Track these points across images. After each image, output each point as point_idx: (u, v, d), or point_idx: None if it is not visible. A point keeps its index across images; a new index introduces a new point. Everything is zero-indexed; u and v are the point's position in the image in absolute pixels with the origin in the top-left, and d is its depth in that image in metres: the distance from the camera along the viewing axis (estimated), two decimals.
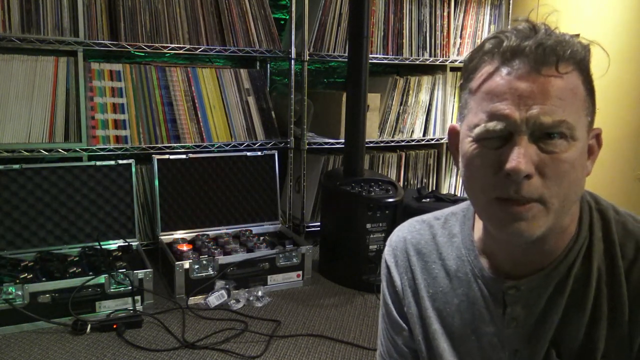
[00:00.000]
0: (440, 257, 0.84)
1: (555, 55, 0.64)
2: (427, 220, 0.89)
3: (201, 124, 2.68)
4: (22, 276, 1.97)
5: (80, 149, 2.42)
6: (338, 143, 2.91)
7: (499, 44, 0.66)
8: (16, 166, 2.23)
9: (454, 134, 0.76)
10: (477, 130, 0.67)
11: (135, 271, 2.07)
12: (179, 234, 2.53)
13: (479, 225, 0.80)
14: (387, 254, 0.91)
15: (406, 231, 0.89)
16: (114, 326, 1.91)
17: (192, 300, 2.17)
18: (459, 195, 3.28)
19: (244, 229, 2.66)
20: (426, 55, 3.19)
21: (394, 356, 0.90)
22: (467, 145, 0.69)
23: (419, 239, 0.87)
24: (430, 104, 3.27)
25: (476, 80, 0.68)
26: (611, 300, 0.70)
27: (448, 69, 3.26)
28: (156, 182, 2.50)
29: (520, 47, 0.64)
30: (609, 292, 0.70)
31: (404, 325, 0.88)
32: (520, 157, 0.63)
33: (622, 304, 0.69)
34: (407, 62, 3.13)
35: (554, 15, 0.70)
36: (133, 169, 2.45)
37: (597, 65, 0.73)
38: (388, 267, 0.90)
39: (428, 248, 0.86)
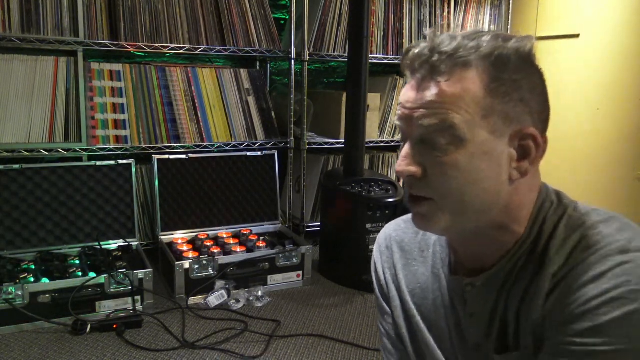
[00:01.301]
0: (421, 255, 0.88)
1: (433, 66, 0.67)
2: (410, 219, 0.91)
3: (201, 124, 2.68)
4: (22, 276, 1.97)
5: (80, 149, 2.42)
6: (338, 143, 2.91)
7: (409, 55, 0.71)
8: (16, 166, 2.23)
9: None
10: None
11: (135, 271, 2.07)
12: (179, 234, 2.53)
13: None
14: (375, 250, 0.96)
15: (392, 229, 0.94)
16: (114, 326, 1.91)
17: (192, 300, 2.17)
18: None
19: (244, 229, 2.66)
20: None
21: (389, 347, 0.95)
22: None
23: (403, 237, 0.92)
24: None
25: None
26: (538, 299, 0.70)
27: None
28: (156, 182, 2.50)
29: (417, 61, 0.69)
30: (538, 292, 0.70)
31: (389, 312, 0.92)
32: (402, 159, 0.70)
33: (539, 304, 0.69)
34: None
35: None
36: (133, 169, 2.45)
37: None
38: (375, 263, 0.95)
39: (410, 246, 0.90)
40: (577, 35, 3.07)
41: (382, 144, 3.12)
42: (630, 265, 0.62)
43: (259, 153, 2.75)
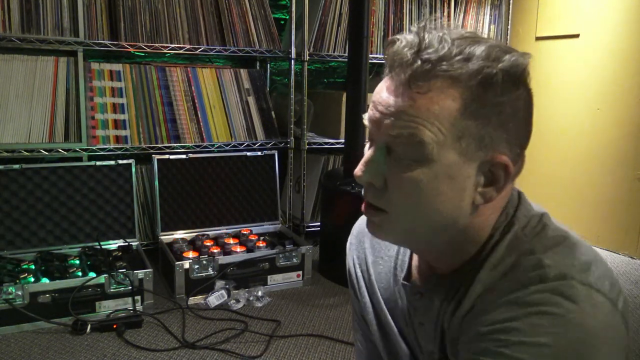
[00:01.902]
0: (387, 254, 0.85)
1: (414, 76, 0.61)
2: None
3: (201, 124, 2.68)
4: (22, 276, 1.97)
5: (80, 149, 2.42)
6: (338, 143, 2.91)
7: (391, 49, 0.65)
8: (16, 166, 2.23)
9: None
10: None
11: (135, 271, 2.07)
12: (179, 234, 2.53)
13: None
14: (348, 242, 0.94)
15: (363, 224, 0.89)
16: (114, 326, 1.91)
17: (192, 300, 2.17)
18: None
19: (244, 229, 2.66)
20: None
21: (357, 326, 0.95)
22: None
23: None
24: None
25: None
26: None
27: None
28: (156, 182, 2.50)
29: (397, 60, 0.63)
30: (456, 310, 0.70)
31: (361, 299, 0.91)
32: (362, 165, 0.66)
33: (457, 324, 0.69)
34: None
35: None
36: (133, 169, 2.45)
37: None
38: (347, 255, 0.94)
39: (380, 243, 0.87)
40: (577, 35, 3.07)
41: None
42: (539, 296, 0.59)
43: (259, 153, 2.75)
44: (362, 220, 0.91)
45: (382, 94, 0.65)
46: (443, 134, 0.61)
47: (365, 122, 0.67)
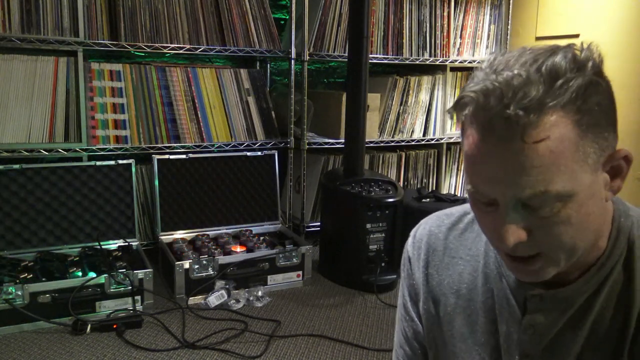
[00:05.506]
0: (468, 253, 0.81)
1: (522, 126, 0.56)
2: (456, 214, 0.86)
3: (201, 124, 2.68)
4: (22, 276, 1.97)
5: (80, 149, 2.42)
6: (338, 143, 2.91)
7: (472, 108, 0.60)
8: (16, 166, 2.23)
9: None
10: (469, 187, 0.65)
11: (135, 271, 2.07)
12: (179, 234, 2.53)
13: None
14: (410, 246, 0.88)
15: (433, 224, 0.86)
16: (114, 326, 1.91)
17: (192, 300, 2.17)
18: (459, 195, 3.28)
19: (244, 229, 2.66)
20: (426, 55, 3.19)
21: (406, 349, 0.89)
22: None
23: (447, 233, 0.84)
24: (430, 104, 3.27)
25: (464, 135, 0.64)
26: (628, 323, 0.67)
27: (448, 69, 3.26)
28: (156, 182, 2.50)
29: (486, 118, 0.58)
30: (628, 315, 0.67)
31: (417, 320, 0.87)
32: (506, 234, 0.61)
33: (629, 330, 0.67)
34: (407, 62, 3.12)
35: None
36: (133, 169, 2.45)
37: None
38: (409, 259, 0.88)
39: (455, 243, 0.83)
40: (577, 35, 3.07)
41: (382, 144, 3.12)
42: None
43: (259, 153, 2.75)
44: (429, 223, 0.88)
45: (487, 158, 0.59)
46: (571, 166, 0.58)
47: (472, 191, 0.64)
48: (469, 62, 3.30)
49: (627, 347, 0.67)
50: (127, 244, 2.39)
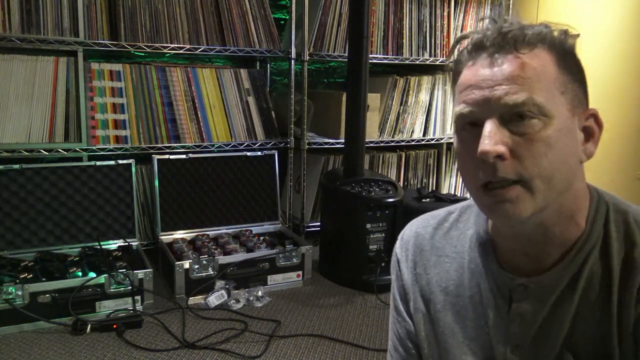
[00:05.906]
0: (454, 250, 0.84)
1: (513, 38, 0.67)
2: (441, 214, 0.89)
3: (201, 124, 2.68)
4: (22, 276, 1.97)
5: (80, 149, 2.43)
6: (338, 143, 2.91)
7: (476, 37, 0.70)
8: (16, 166, 2.23)
9: None
10: (455, 119, 0.71)
11: (135, 271, 2.07)
12: (179, 234, 2.53)
13: None
14: (398, 248, 0.91)
15: (419, 226, 0.90)
16: (114, 326, 1.91)
17: (192, 300, 2.17)
18: (459, 195, 3.29)
19: (244, 229, 2.66)
20: (426, 55, 3.19)
21: (399, 350, 0.90)
22: (454, 140, 0.73)
23: (433, 233, 0.87)
24: (430, 104, 3.27)
25: (459, 82, 0.72)
26: (621, 300, 0.69)
27: (448, 69, 3.26)
28: (156, 182, 2.50)
29: (482, 40, 0.68)
30: (620, 292, 0.69)
31: (408, 320, 0.88)
32: (487, 139, 0.65)
33: (630, 304, 0.68)
34: (407, 62, 3.13)
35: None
36: (133, 169, 2.45)
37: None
38: (398, 261, 0.90)
39: (442, 242, 0.86)
40: (577, 36, 3.07)
41: (382, 144, 3.12)
42: None
43: (259, 153, 2.75)
44: (415, 224, 0.91)
45: (483, 71, 0.68)
46: (551, 91, 0.66)
47: (466, 109, 0.69)
48: None
49: (615, 323, 0.69)
50: (127, 244, 2.39)
